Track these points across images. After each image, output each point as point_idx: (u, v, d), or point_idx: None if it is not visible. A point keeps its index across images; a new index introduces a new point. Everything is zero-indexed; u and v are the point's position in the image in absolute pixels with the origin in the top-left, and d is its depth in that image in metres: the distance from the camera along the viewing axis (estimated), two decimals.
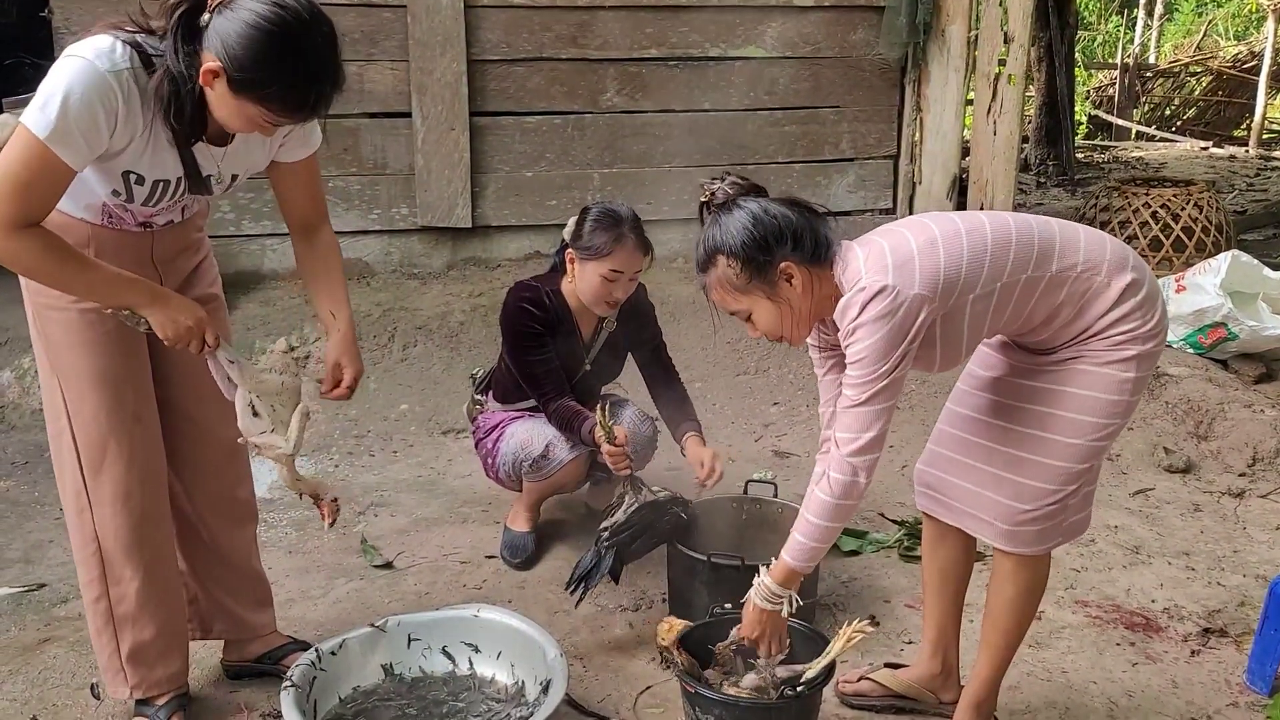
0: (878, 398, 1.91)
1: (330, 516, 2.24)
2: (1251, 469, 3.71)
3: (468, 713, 2.32)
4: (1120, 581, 3.00)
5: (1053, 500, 2.04)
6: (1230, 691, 2.50)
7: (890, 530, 3.25)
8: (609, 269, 2.82)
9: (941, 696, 2.37)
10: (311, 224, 2.25)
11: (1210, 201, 5.32)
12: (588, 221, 2.85)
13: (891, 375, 1.90)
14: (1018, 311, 1.97)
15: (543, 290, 2.93)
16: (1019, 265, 1.94)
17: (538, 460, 2.91)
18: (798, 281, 1.98)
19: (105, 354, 2.06)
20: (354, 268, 4.94)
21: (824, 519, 1.98)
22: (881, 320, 1.87)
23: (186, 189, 2.00)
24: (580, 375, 3.05)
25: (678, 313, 4.63)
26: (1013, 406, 2.09)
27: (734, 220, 1.99)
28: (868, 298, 1.88)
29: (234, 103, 1.79)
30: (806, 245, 1.98)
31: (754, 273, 1.98)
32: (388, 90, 4.76)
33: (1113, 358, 1.97)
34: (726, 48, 5.11)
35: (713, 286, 2.05)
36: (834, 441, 1.97)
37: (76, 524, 2.17)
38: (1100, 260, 1.98)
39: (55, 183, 1.81)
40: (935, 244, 1.91)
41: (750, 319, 2.05)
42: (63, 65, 1.78)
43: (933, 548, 2.32)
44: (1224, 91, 12.84)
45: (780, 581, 2.07)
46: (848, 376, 1.94)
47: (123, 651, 2.23)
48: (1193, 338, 4.36)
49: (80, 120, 1.76)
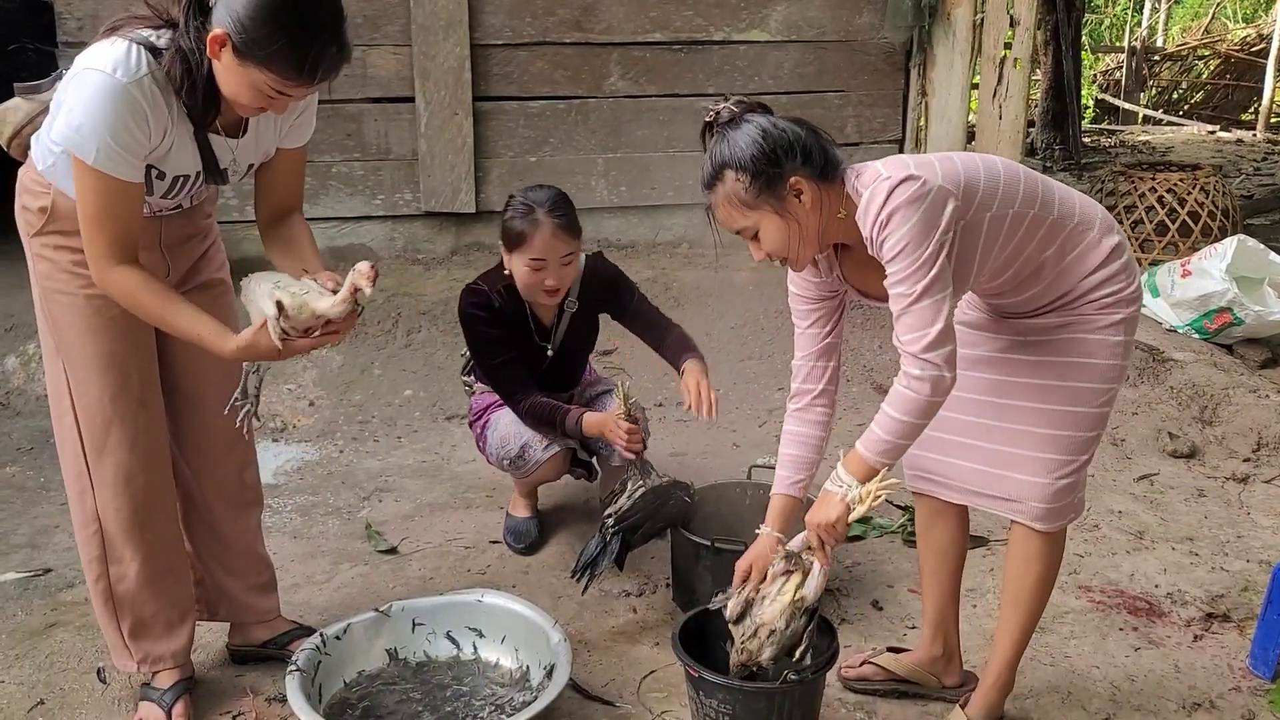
0: (931, 289, 1.83)
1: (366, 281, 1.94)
2: (1256, 454, 3.71)
3: (472, 697, 2.33)
4: (1124, 566, 3.00)
5: (1070, 472, 2.06)
6: (1233, 676, 2.50)
7: (894, 515, 3.25)
8: (530, 258, 2.70)
9: (944, 680, 2.38)
10: (287, 210, 2.22)
11: (1217, 186, 5.30)
12: (507, 211, 2.76)
13: (936, 263, 1.83)
14: (1018, 250, 1.96)
15: (490, 290, 2.84)
16: (1027, 199, 1.94)
17: (515, 460, 2.91)
18: (807, 197, 1.91)
19: (110, 338, 2.07)
20: (357, 253, 4.93)
21: (911, 415, 1.88)
22: (912, 205, 1.82)
23: (204, 182, 2.03)
24: (549, 361, 3.00)
25: (682, 298, 4.63)
26: (1012, 383, 2.09)
27: (742, 134, 1.92)
28: (894, 184, 1.83)
29: (240, 71, 1.79)
30: (816, 160, 1.91)
31: (763, 187, 1.90)
32: (390, 75, 4.75)
33: (1103, 322, 2.00)
34: (731, 31, 5.08)
35: (719, 204, 1.96)
36: (900, 347, 1.89)
37: (78, 504, 2.19)
38: (1093, 217, 2.02)
39: (127, 201, 1.90)
40: (951, 158, 1.93)
41: (756, 237, 1.97)
42: (84, 83, 1.81)
43: (927, 529, 2.32)
44: (1232, 75, 12.77)
45: (861, 478, 1.95)
46: (891, 276, 1.87)
47: (124, 629, 2.26)
48: (1198, 323, 4.35)
49: (118, 137, 1.82)
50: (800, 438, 2.18)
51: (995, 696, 2.24)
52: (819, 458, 2.20)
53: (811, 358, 2.15)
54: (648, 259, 4.97)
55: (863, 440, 1.95)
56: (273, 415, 3.99)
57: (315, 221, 4.81)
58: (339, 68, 1.85)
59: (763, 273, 4.84)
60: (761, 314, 4.58)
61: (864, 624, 2.71)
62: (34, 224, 2.04)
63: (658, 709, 2.36)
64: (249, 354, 1.96)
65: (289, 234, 2.19)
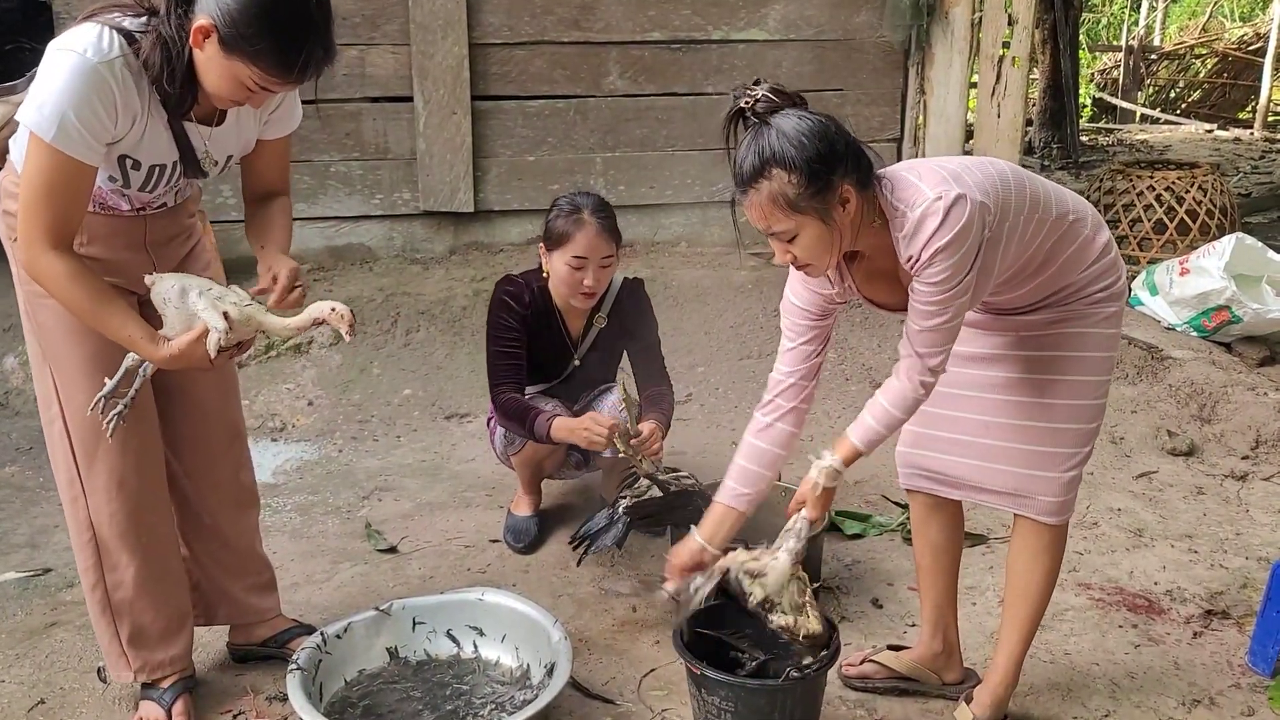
0: (961, 311, 1.89)
1: (346, 326, 1.96)
2: (1254, 452, 3.71)
3: (472, 695, 2.33)
4: (1123, 564, 3.00)
5: (1075, 464, 2.10)
6: (1232, 673, 2.51)
7: (893, 513, 3.25)
8: (572, 255, 2.78)
9: (944, 676, 2.38)
10: (271, 193, 2.21)
11: (1215, 184, 5.30)
12: (552, 211, 2.86)
13: (969, 287, 1.86)
14: (1022, 252, 1.96)
15: (527, 285, 2.91)
16: (1033, 203, 1.94)
17: (511, 434, 2.93)
18: (852, 206, 1.83)
19: (97, 341, 2.02)
20: (356, 252, 4.94)
21: (902, 410, 1.96)
22: (963, 231, 1.80)
23: (182, 172, 2.00)
24: (570, 371, 3.04)
25: (680, 297, 4.63)
26: (1010, 379, 2.10)
27: (795, 129, 1.79)
28: (948, 205, 1.79)
29: (224, 63, 1.77)
30: (862, 167, 1.84)
31: (815, 191, 1.79)
32: (389, 74, 4.75)
33: (1098, 316, 2.04)
34: (729, 30, 5.08)
35: (759, 202, 1.82)
36: (914, 353, 1.92)
37: (71, 511, 2.17)
38: (1085, 212, 2.04)
39: (77, 183, 1.83)
40: (974, 168, 1.90)
41: (792, 240, 1.86)
42: (54, 62, 1.77)
43: (923, 525, 2.33)
44: (1229, 74, 12.78)
45: (846, 460, 2.02)
46: (927, 295, 1.86)
47: (122, 636, 2.23)
48: (1196, 321, 4.35)
49: (81, 115, 1.76)
50: (758, 453, 2.16)
51: (1002, 693, 2.24)
52: (773, 476, 2.18)
53: (795, 375, 2.13)
54: (646, 258, 4.96)
55: (854, 428, 2.01)
56: (272, 414, 3.99)
57: (314, 221, 4.85)
58: (324, 68, 1.83)
59: (761, 272, 4.84)
60: (760, 313, 4.58)
61: (864, 622, 2.71)
62: (16, 228, 1.95)
63: (658, 707, 2.36)
64: (179, 362, 1.93)
65: (263, 212, 2.18)
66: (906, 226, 1.84)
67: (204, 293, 1.94)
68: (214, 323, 1.89)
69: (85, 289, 1.87)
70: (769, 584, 2.10)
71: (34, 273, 1.88)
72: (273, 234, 2.14)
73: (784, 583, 2.09)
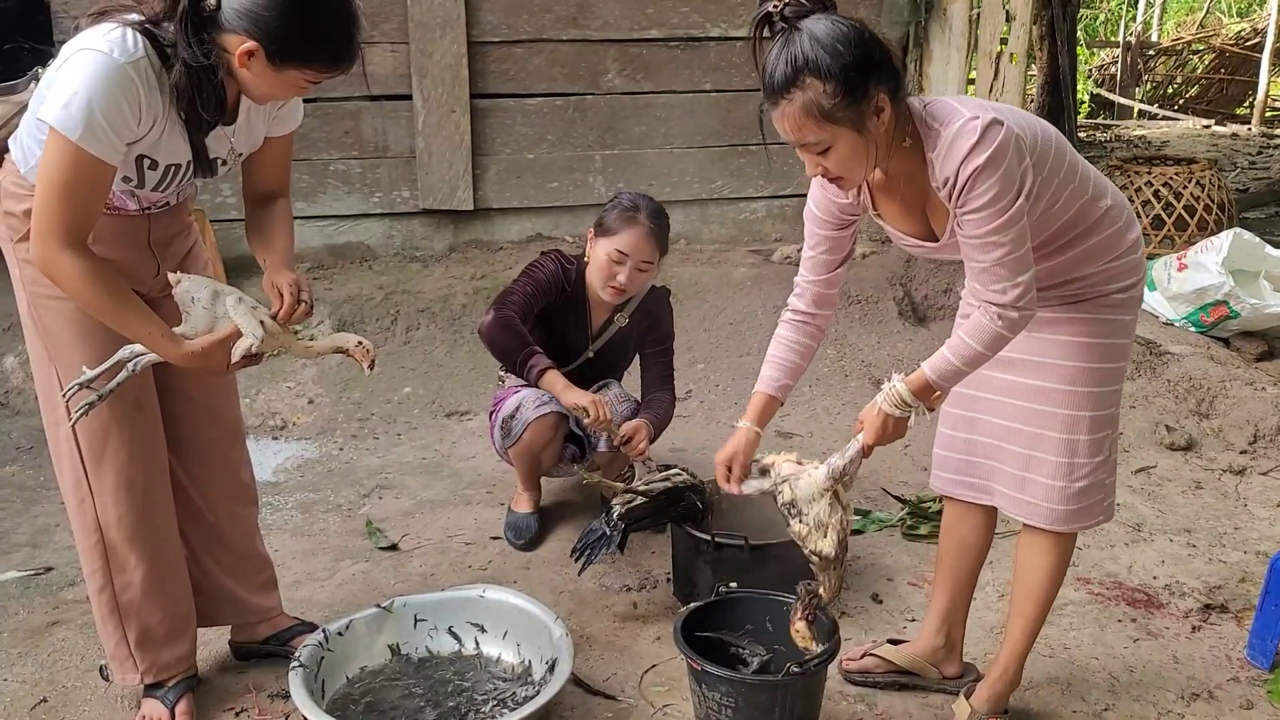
0: (1020, 240, 1.77)
1: (368, 363, 2.08)
2: (1252, 446, 3.72)
3: (474, 692, 2.34)
4: (1122, 559, 3.01)
5: (1085, 474, 2.05)
6: (1231, 666, 2.52)
7: (893, 508, 3.26)
8: (615, 248, 2.86)
9: (944, 670, 2.39)
10: (272, 195, 2.22)
11: (1212, 180, 5.31)
12: (612, 201, 2.97)
13: (1022, 213, 1.76)
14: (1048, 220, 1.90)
15: (573, 265, 3.00)
16: (1070, 170, 1.89)
17: (507, 421, 2.95)
18: (885, 116, 1.75)
19: (103, 341, 2.01)
20: (355, 251, 4.94)
21: (984, 346, 1.85)
22: (999, 152, 1.71)
23: (194, 172, 2.01)
24: (582, 360, 3.06)
25: (680, 294, 4.63)
26: (1024, 386, 2.07)
27: (829, 34, 1.69)
28: (985, 124, 1.72)
29: (275, 76, 1.80)
30: (899, 76, 1.75)
31: (851, 100, 1.70)
32: (388, 72, 4.75)
33: (1111, 324, 2.01)
34: (728, 27, 5.08)
35: (790, 114, 1.73)
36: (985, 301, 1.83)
37: (78, 514, 2.15)
38: (1122, 205, 2.01)
39: (97, 182, 1.83)
40: (1013, 109, 1.85)
41: (825, 153, 1.78)
42: (80, 60, 1.78)
43: (954, 525, 2.31)
44: (1226, 69, 12.79)
45: (915, 391, 1.91)
46: (976, 225, 1.77)
47: (130, 639, 2.23)
48: (1194, 316, 4.36)
49: (108, 115, 1.77)
50: (793, 343, 2.16)
51: (1002, 689, 2.24)
52: (805, 366, 2.18)
53: (817, 284, 2.12)
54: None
55: (931, 362, 1.91)
56: (272, 413, 3.99)
57: (313, 219, 4.85)
58: None
59: (760, 269, 4.85)
60: (759, 309, 4.59)
61: (864, 617, 2.72)
62: (18, 229, 1.97)
63: (660, 703, 2.37)
64: (197, 361, 1.94)
65: (265, 218, 2.19)
66: (940, 145, 1.76)
67: (241, 299, 1.96)
68: (253, 330, 1.91)
69: (106, 287, 1.88)
70: (799, 488, 2.11)
71: (50, 271, 1.86)
72: (275, 243, 2.16)
73: (814, 493, 2.09)
